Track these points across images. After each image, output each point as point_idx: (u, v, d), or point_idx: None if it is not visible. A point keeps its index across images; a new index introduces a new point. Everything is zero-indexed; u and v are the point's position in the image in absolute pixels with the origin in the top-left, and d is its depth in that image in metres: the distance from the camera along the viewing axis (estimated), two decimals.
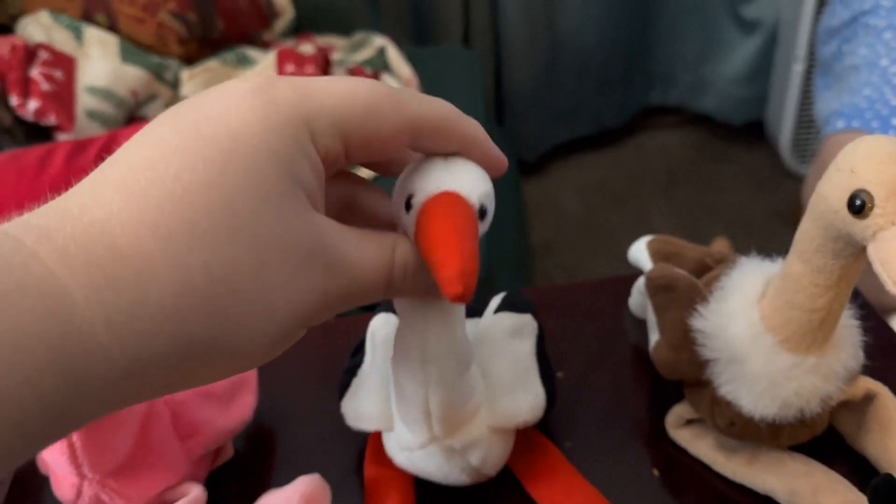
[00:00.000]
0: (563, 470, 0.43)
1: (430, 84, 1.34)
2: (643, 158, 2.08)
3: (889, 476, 0.35)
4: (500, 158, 0.29)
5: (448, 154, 0.28)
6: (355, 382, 0.43)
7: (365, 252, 0.26)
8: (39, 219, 0.21)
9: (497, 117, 2.02)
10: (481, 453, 0.39)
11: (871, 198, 0.30)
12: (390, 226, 0.30)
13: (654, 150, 2.11)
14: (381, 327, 0.44)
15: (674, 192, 1.94)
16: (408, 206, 0.28)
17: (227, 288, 0.22)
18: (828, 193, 0.32)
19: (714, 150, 2.06)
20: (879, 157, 0.30)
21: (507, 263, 1.31)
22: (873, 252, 0.30)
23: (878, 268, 0.30)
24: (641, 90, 2.13)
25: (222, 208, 0.21)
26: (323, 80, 0.25)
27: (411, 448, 0.39)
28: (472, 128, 0.28)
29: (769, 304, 0.37)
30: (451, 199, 0.27)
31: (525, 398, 0.41)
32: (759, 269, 0.40)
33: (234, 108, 0.23)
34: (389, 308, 0.44)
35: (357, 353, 0.45)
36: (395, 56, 1.33)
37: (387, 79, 1.27)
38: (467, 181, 0.28)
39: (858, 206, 0.30)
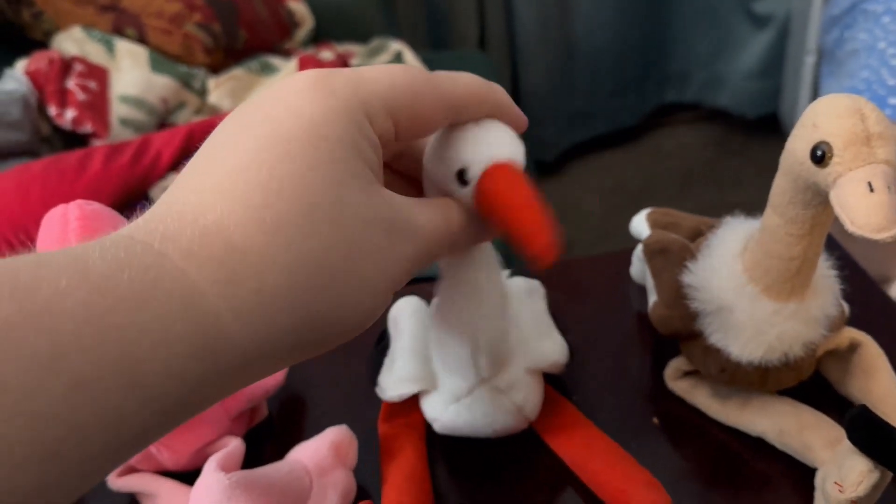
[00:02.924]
0: (582, 424, 0.46)
1: None
2: (660, 156, 2.10)
3: (864, 407, 0.38)
4: (522, 117, 0.33)
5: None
6: (387, 362, 0.46)
7: (428, 217, 0.29)
8: (157, 224, 0.23)
9: None
10: (522, 392, 0.43)
11: (831, 148, 0.33)
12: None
13: (671, 147, 2.13)
14: (404, 310, 0.48)
15: (692, 189, 1.95)
16: (462, 179, 0.31)
17: (329, 267, 0.24)
18: (795, 147, 0.36)
19: (731, 146, 2.08)
20: (837, 112, 0.34)
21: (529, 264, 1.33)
22: (834, 197, 0.33)
23: (838, 211, 0.33)
24: (656, 88, 2.16)
25: (314, 198, 0.24)
26: (368, 69, 0.27)
27: (460, 396, 0.43)
28: (499, 94, 0.31)
29: (750, 256, 0.41)
30: (511, 171, 0.30)
31: (552, 344, 0.45)
32: (741, 226, 0.43)
33: (299, 103, 0.25)
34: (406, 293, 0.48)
35: (381, 341, 0.49)
36: (411, 60, 1.37)
37: None
38: (511, 147, 0.31)
39: (819, 156, 0.34)
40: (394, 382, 0.45)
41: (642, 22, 2.01)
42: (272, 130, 0.24)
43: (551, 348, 0.45)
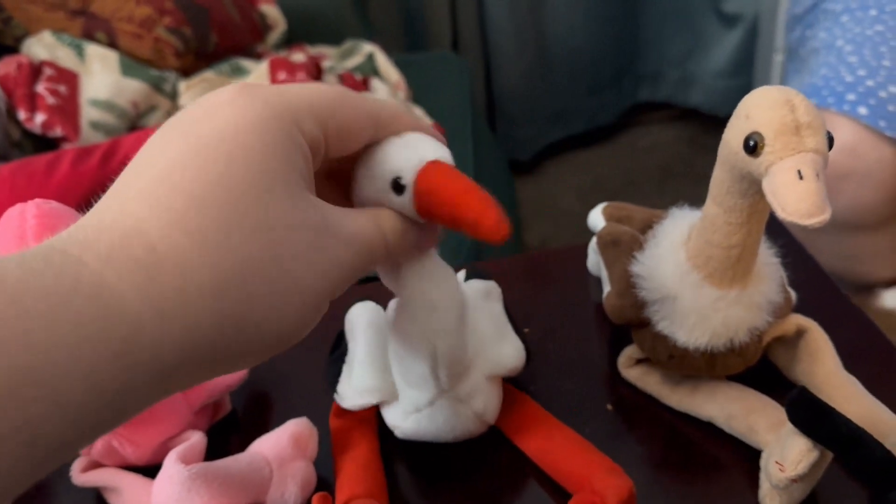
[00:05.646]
0: (542, 417, 0.47)
1: (419, 88, 1.38)
2: (636, 154, 2.12)
3: (803, 388, 0.39)
4: (440, 137, 0.34)
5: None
6: (346, 369, 0.46)
7: (360, 224, 0.29)
8: (79, 233, 0.23)
9: (489, 119, 2.07)
10: (482, 399, 0.44)
11: (762, 138, 0.35)
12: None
13: (647, 145, 2.15)
14: (361, 315, 0.47)
15: (668, 185, 1.98)
16: (397, 187, 0.31)
17: (255, 268, 0.24)
18: (729, 139, 0.37)
19: (705, 143, 2.10)
20: (768, 103, 0.35)
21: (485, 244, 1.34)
22: (766, 185, 0.35)
23: (770, 198, 0.34)
24: (630, 88, 2.18)
25: (238, 201, 0.24)
26: (293, 85, 0.29)
27: (420, 408, 0.43)
28: (416, 116, 0.33)
29: (693, 245, 0.42)
30: (442, 165, 0.31)
31: (510, 349, 0.45)
32: (684, 216, 0.45)
33: (228, 111, 0.26)
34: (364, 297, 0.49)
35: (336, 346, 0.48)
36: (383, 61, 1.38)
37: (376, 83, 1.33)
38: (437, 148, 0.32)
39: (752, 146, 0.35)
40: (353, 393, 0.45)
41: (614, 23, 2.03)
42: (196, 139, 0.25)
43: (510, 354, 0.45)
